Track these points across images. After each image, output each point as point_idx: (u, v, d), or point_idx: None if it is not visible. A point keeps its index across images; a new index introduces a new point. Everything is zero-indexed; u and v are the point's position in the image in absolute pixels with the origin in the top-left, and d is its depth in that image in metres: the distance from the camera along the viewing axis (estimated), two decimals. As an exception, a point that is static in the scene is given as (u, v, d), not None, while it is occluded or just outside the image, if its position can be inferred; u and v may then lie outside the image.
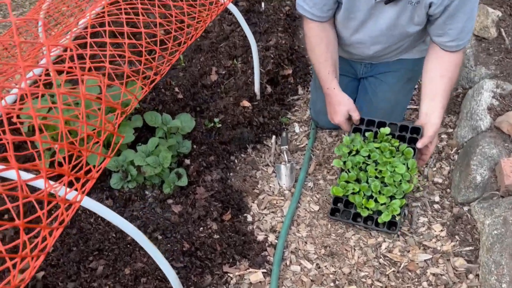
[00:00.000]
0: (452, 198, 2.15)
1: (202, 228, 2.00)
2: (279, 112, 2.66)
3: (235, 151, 2.42)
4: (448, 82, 1.96)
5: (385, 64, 2.33)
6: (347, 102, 2.13)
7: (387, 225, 1.98)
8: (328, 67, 2.13)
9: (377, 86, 2.36)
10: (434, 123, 1.94)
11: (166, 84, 2.73)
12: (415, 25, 1.97)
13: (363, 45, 2.17)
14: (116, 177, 2.13)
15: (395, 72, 2.32)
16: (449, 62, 1.96)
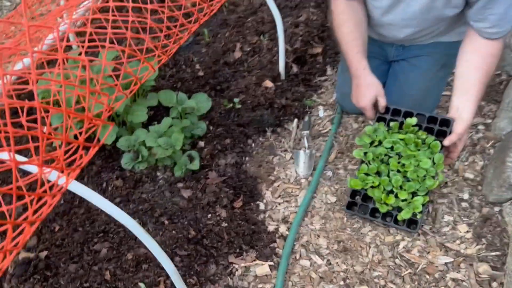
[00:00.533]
0: (483, 196, 1.97)
1: (211, 215, 1.93)
2: (303, 93, 2.52)
3: (253, 135, 2.31)
4: (483, 74, 1.76)
5: (419, 47, 2.14)
6: (376, 85, 1.96)
7: (407, 223, 1.84)
8: (356, 47, 1.97)
9: (408, 71, 2.18)
10: (465, 119, 1.77)
11: (188, 61, 2.64)
12: (452, 8, 1.78)
13: (394, 27, 1.99)
14: (127, 157, 2.08)
15: (428, 56, 2.13)
16: (487, 52, 1.76)
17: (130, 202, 1.98)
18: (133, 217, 1.91)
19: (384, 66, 2.29)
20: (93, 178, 2.08)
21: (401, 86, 2.19)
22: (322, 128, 2.38)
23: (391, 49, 2.21)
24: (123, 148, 2.09)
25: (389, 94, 2.17)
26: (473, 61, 1.79)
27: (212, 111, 2.37)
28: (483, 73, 1.77)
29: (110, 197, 2.00)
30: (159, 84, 2.48)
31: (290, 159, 2.24)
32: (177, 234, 1.84)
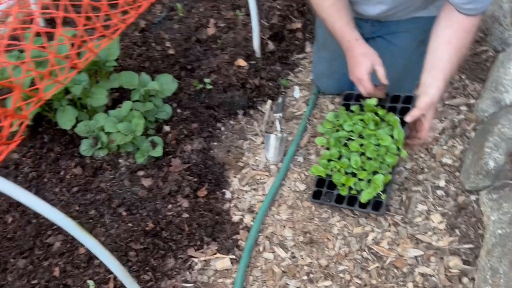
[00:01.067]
0: (460, 184, 1.86)
1: (171, 205, 1.83)
2: (279, 73, 2.39)
3: (223, 118, 2.20)
4: (455, 51, 1.64)
5: (396, 23, 2.00)
6: (372, 53, 1.79)
7: (373, 206, 1.72)
8: (343, 18, 1.80)
9: (385, 49, 2.04)
10: (429, 94, 1.66)
11: (158, 38, 2.50)
12: None
13: (367, 3, 1.85)
14: (86, 143, 1.98)
15: (406, 33, 1.99)
16: (461, 27, 1.63)
17: (88, 192, 1.89)
18: (90, 207, 1.83)
19: None
20: (50, 165, 1.98)
21: (378, 66, 2.05)
22: (296, 110, 2.26)
23: (367, 25, 2.06)
24: (82, 133, 1.98)
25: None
26: (445, 36, 1.66)
27: (181, 92, 2.25)
28: (454, 49, 1.64)
29: (67, 187, 1.91)
30: (125, 64, 2.36)
31: (261, 143, 2.13)
32: (134, 226, 1.75)
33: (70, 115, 2.01)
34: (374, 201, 1.73)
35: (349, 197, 1.77)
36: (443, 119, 2.08)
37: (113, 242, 1.71)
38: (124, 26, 1.81)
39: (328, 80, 2.23)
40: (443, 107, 2.13)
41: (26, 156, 2.03)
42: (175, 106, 2.19)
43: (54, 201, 1.87)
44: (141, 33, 2.54)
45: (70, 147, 2.06)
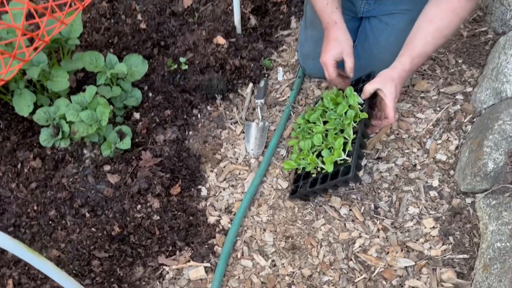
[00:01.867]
0: (454, 184, 1.72)
1: (141, 205, 1.66)
2: (262, 51, 2.18)
3: (199, 103, 2.00)
4: (434, 30, 1.51)
5: (393, 2, 1.81)
6: (344, 42, 1.64)
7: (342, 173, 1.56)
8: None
9: (380, 31, 1.86)
10: (390, 68, 1.56)
11: (129, 9, 2.26)
12: None
13: None
14: (46, 132, 1.77)
15: (403, 15, 1.80)
16: (449, 7, 1.50)
17: (48, 189, 1.70)
18: (50, 207, 1.65)
19: (353, 23, 1.96)
20: (6, 157, 1.78)
21: (371, 48, 1.88)
22: (279, 95, 2.07)
23: (361, 2, 1.86)
24: (41, 122, 1.77)
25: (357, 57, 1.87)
26: (429, 13, 1.54)
27: (153, 73, 2.04)
28: (434, 28, 1.52)
29: (25, 182, 1.71)
30: (91, 39, 2.12)
31: (241, 133, 1.95)
32: (98, 231, 1.58)
33: (28, 99, 1.79)
34: (344, 169, 1.56)
35: (322, 178, 1.62)
36: (437, 109, 1.93)
37: (75, 250, 1.54)
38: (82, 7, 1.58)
39: (315, 62, 2.03)
40: (438, 95, 1.97)
41: (-22, 146, 1.81)
42: (146, 89, 1.99)
43: (10, 198, 1.68)
44: (109, 3, 2.29)
45: (29, 135, 1.85)
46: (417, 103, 1.95)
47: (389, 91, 1.55)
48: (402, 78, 1.57)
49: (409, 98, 1.98)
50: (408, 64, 1.56)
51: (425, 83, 1.99)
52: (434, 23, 1.52)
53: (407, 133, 1.87)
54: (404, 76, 1.57)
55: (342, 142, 1.58)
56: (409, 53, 1.56)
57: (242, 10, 2.25)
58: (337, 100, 1.69)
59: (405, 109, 1.94)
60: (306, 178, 1.69)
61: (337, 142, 1.58)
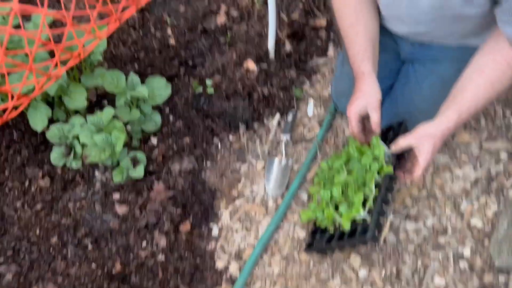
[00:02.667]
0: (488, 256, 1.57)
1: (146, 242, 1.57)
2: (294, 80, 2.05)
3: (221, 132, 1.89)
4: (485, 83, 1.34)
5: (441, 48, 1.65)
6: (370, 95, 1.51)
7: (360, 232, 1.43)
8: (357, 45, 1.53)
9: (423, 77, 1.70)
10: (428, 123, 1.40)
11: (159, 22, 2.16)
12: (474, 7, 1.32)
13: (401, 22, 1.53)
14: (58, 151, 1.69)
15: (451, 62, 1.64)
16: (504, 59, 1.31)
17: (53, 212, 1.62)
18: (53, 232, 1.57)
19: (395, 64, 1.81)
20: (15, 172, 1.70)
21: (411, 95, 1.73)
22: (307, 131, 1.94)
23: (406, 44, 1.72)
24: (54, 140, 1.69)
25: (394, 103, 1.73)
26: (480, 63, 1.37)
27: (177, 94, 1.93)
28: (485, 80, 1.34)
29: (30, 202, 1.64)
30: (117, 51, 2.03)
31: (262, 169, 1.83)
32: (98, 266, 1.49)
33: (43, 114, 1.71)
34: (362, 227, 1.44)
35: (339, 234, 1.50)
36: (477, 167, 1.77)
37: (71, 286, 1.45)
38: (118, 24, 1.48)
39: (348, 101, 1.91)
40: (479, 151, 1.80)
41: (-12, 156, 1.75)
42: (168, 112, 1.89)
43: (14, 219, 1.61)
44: (140, 13, 2.19)
45: (41, 149, 1.78)
46: (455, 157, 1.79)
47: (426, 150, 1.41)
48: (445, 136, 1.41)
49: (447, 150, 1.82)
50: (454, 121, 1.39)
51: (467, 135, 1.83)
52: (486, 75, 1.35)
53: (441, 190, 1.72)
54: (447, 134, 1.41)
55: (361, 198, 1.44)
56: (457, 107, 1.39)
57: (277, 34, 2.12)
58: (362, 148, 1.55)
59: (441, 163, 1.79)
60: (324, 231, 1.56)
61: (357, 198, 1.45)
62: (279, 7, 2.21)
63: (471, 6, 1.31)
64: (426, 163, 1.40)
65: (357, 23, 1.53)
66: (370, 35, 1.54)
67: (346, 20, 1.54)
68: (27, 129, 1.79)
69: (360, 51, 1.53)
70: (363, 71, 1.53)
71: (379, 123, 1.50)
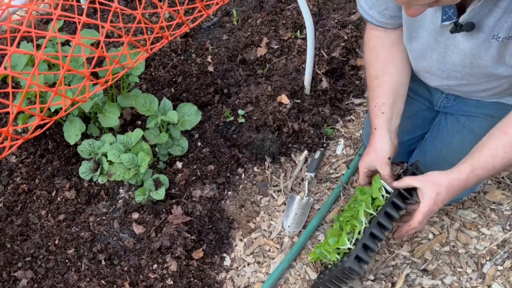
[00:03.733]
0: (506, 325, 1.48)
1: (157, 265, 1.58)
2: (326, 117, 2.05)
3: (246, 162, 1.90)
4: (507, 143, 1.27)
5: (476, 103, 1.61)
6: (378, 151, 1.48)
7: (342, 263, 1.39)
8: (377, 98, 1.51)
9: (455, 131, 1.66)
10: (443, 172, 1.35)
11: (201, 49, 2.21)
12: (507, 66, 1.29)
13: (432, 76, 1.50)
14: (86, 166, 1.75)
15: (484, 120, 1.59)
16: None
17: (73, 225, 1.67)
18: (71, 244, 1.62)
19: (429, 113, 1.77)
20: (44, 181, 1.78)
21: (441, 148, 1.68)
22: (333, 171, 1.92)
23: (440, 96, 1.68)
24: (84, 154, 1.76)
25: (423, 153, 1.69)
26: (506, 123, 1.30)
27: (208, 121, 1.97)
28: (507, 142, 1.27)
29: (54, 211, 1.70)
30: (156, 74, 2.10)
31: (282, 204, 1.82)
32: (107, 283, 1.52)
33: (77, 128, 1.78)
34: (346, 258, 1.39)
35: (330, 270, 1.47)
36: (507, 228, 1.69)
37: (83, 295, 1.49)
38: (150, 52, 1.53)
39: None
40: (511, 211, 1.72)
41: (23, 163, 1.84)
42: (197, 137, 1.92)
43: (37, 226, 1.67)
44: (184, 38, 2.26)
45: (71, 162, 1.85)
46: (485, 215, 1.72)
47: (428, 195, 1.35)
48: (452, 187, 1.35)
49: (476, 207, 1.76)
50: (466, 174, 1.33)
51: (500, 194, 1.76)
52: (508, 136, 1.29)
53: (465, 248, 1.65)
54: (456, 186, 1.35)
55: (348, 229, 1.42)
56: (472, 162, 1.34)
57: (315, 70, 2.13)
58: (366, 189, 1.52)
59: (468, 219, 1.72)
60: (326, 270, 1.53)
61: (344, 229, 1.42)
62: (321, 43, 2.22)
63: (503, 66, 1.27)
64: (427, 209, 1.35)
65: (383, 74, 1.51)
66: (393, 88, 1.51)
67: (373, 71, 1.53)
68: (61, 141, 1.87)
69: (377, 105, 1.51)
70: (375, 126, 1.51)
71: (389, 178, 1.47)
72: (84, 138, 1.83)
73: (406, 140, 1.78)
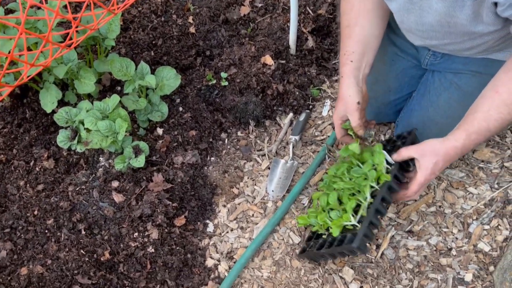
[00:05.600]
0: (491, 284, 1.47)
1: (138, 233, 1.56)
2: (312, 78, 1.98)
3: (230, 127, 1.85)
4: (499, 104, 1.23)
5: (463, 60, 1.54)
6: (346, 99, 1.43)
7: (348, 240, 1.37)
8: (347, 46, 1.44)
9: (442, 89, 1.60)
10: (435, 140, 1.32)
11: (181, 9, 2.13)
12: (486, 24, 1.21)
13: (415, 36, 1.44)
14: (64, 134, 1.71)
15: (472, 77, 1.54)
16: None
17: (53, 194, 1.64)
18: (50, 214, 1.59)
19: (416, 71, 1.71)
20: (22, 151, 1.74)
21: (427, 107, 1.63)
22: (319, 133, 1.87)
23: (427, 53, 1.61)
24: (60, 122, 1.71)
25: (410, 111, 1.65)
26: (496, 82, 1.25)
27: (190, 85, 1.91)
28: (500, 100, 1.23)
29: (33, 182, 1.67)
30: (135, 37, 2.02)
31: (266, 169, 1.78)
32: (87, 253, 1.50)
33: (53, 96, 1.73)
34: (351, 236, 1.37)
35: (330, 242, 1.44)
36: (495, 186, 1.65)
37: (59, 269, 1.47)
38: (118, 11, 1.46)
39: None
40: (500, 170, 1.69)
41: (0, 133, 1.79)
42: (178, 102, 1.87)
43: (15, 196, 1.64)
44: (164, -2, 2.17)
45: (50, 131, 1.81)
46: (472, 174, 1.68)
47: (425, 165, 1.32)
48: (449, 156, 1.32)
49: (464, 166, 1.72)
50: (462, 140, 1.30)
51: (488, 152, 1.71)
52: (500, 96, 1.24)
53: (452, 208, 1.62)
54: (453, 154, 1.32)
55: (353, 205, 1.38)
56: (466, 127, 1.30)
57: (300, 29, 2.05)
58: (364, 156, 1.47)
59: (456, 179, 1.68)
60: (319, 238, 1.51)
61: (348, 205, 1.39)
62: (306, 0, 2.13)
63: (482, 24, 1.20)
64: (423, 179, 1.32)
65: (354, 25, 1.44)
66: (364, 39, 1.44)
67: (345, 21, 1.45)
68: (39, 109, 1.82)
69: (346, 53, 1.44)
70: (342, 74, 1.45)
71: (359, 126, 1.43)
72: (63, 105, 1.78)
73: (393, 99, 1.73)
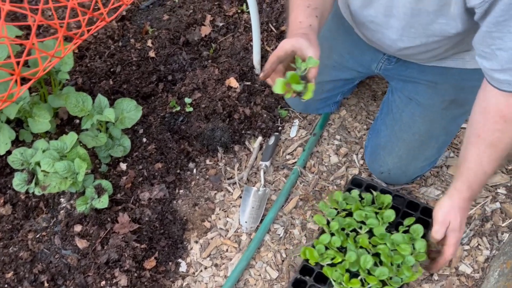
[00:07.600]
0: (474, 308, 1.44)
1: (105, 281, 1.47)
2: (279, 98, 1.92)
3: (198, 155, 1.77)
4: (485, 148, 1.17)
5: (418, 68, 1.53)
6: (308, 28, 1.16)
7: None
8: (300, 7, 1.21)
9: (403, 105, 1.60)
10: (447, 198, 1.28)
11: (140, 32, 2.03)
12: (449, 18, 1.16)
13: (377, 26, 1.34)
14: (20, 177, 1.59)
15: (428, 88, 1.53)
16: (496, 113, 1.13)
17: (11, 244, 1.53)
18: (9, 267, 1.49)
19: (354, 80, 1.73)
20: (-25, 198, 1.62)
21: (393, 126, 1.61)
22: (290, 156, 1.81)
23: (381, 57, 1.57)
24: (15, 165, 1.60)
25: (377, 132, 1.62)
26: (475, 124, 1.19)
27: (153, 113, 1.83)
28: (485, 145, 1.17)
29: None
30: (92, 66, 1.92)
31: (238, 198, 1.71)
32: (51, 308, 1.40)
33: (6, 136, 1.61)
34: None
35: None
36: (472, 203, 1.62)
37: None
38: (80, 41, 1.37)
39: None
40: (475, 185, 1.65)
41: (-50, 179, 1.67)
42: (141, 133, 1.78)
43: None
44: (121, 21, 2.07)
45: (5, 173, 1.69)
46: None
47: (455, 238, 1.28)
48: (464, 209, 1.27)
49: (439, 183, 1.69)
50: (466, 191, 1.25)
51: (462, 167, 1.68)
52: (483, 139, 1.18)
53: (430, 229, 1.58)
54: (465, 206, 1.27)
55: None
56: (464, 179, 1.25)
57: (264, 47, 1.98)
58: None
59: (432, 197, 1.65)
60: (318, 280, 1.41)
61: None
62: (268, 16, 2.07)
63: (446, 17, 1.16)
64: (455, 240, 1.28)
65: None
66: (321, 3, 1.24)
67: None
68: (-8, 150, 1.70)
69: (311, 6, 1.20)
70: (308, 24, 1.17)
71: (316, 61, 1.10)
72: (18, 144, 1.67)
73: (324, 98, 1.76)
